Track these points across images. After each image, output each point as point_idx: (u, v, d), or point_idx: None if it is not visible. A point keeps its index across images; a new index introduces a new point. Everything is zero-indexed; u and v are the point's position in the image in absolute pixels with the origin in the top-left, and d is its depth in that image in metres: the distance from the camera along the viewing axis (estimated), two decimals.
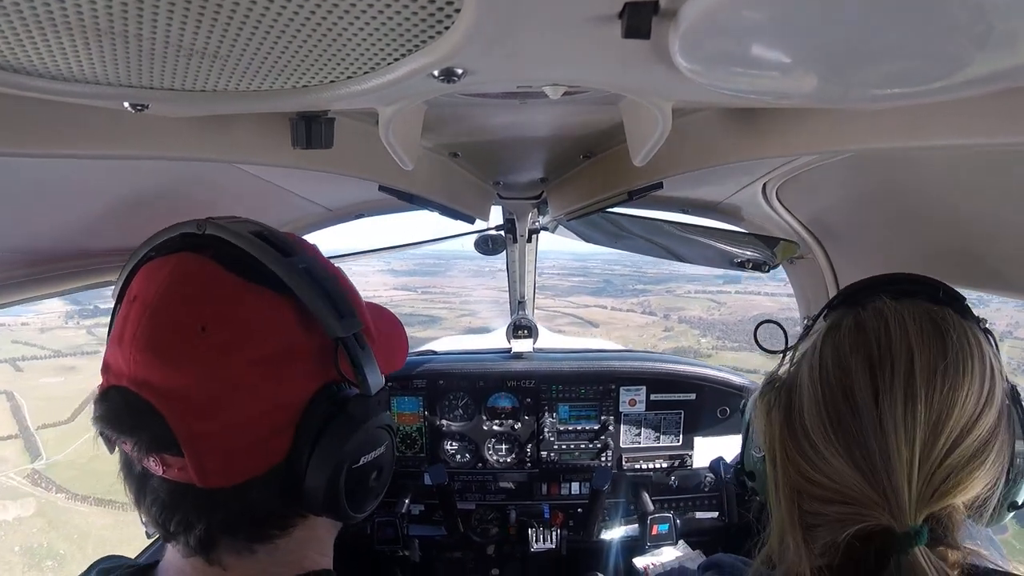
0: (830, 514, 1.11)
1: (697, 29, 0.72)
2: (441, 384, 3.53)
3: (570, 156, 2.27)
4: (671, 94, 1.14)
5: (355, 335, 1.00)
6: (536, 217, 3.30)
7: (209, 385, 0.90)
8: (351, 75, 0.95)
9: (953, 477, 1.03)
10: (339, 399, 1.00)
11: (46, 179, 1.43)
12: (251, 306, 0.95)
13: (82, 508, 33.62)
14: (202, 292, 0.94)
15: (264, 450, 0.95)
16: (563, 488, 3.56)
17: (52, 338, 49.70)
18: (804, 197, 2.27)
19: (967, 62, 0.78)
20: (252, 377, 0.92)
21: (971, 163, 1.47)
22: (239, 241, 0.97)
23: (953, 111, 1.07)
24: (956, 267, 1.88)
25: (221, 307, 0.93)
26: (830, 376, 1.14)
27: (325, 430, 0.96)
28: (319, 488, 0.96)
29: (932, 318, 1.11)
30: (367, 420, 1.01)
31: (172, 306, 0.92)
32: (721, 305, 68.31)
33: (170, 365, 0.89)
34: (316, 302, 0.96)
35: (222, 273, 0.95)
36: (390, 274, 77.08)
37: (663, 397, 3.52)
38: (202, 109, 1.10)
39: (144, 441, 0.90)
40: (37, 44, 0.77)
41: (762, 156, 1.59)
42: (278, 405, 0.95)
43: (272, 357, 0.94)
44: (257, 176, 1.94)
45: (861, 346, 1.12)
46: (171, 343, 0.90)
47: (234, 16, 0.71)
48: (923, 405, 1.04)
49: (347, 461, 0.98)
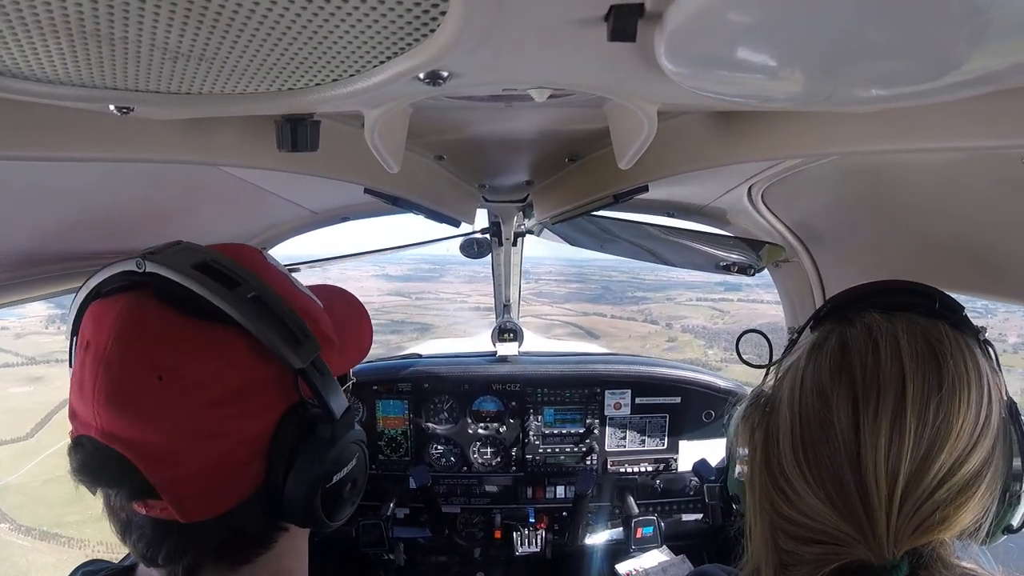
0: (805, 554, 1.06)
1: (683, 32, 0.72)
2: (426, 387, 3.52)
3: (556, 159, 2.27)
4: (657, 97, 1.14)
5: (313, 362, 0.99)
6: (521, 220, 3.30)
7: (174, 435, 0.90)
8: (336, 78, 0.95)
9: (940, 512, 0.97)
10: (306, 421, 1.00)
11: (29, 182, 1.42)
12: (203, 346, 0.93)
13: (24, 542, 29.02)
14: (153, 339, 0.92)
15: (240, 481, 0.96)
16: (548, 492, 3.56)
17: (27, 344, 47.79)
18: (790, 200, 2.28)
19: (953, 65, 0.78)
20: (214, 419, 0.92)
21: (957, 165, 1.48)
22: (180, 279, 0.93)
23: (939, 114, 1.08)
24: (942, 270, 1.89)
25: (174, 352, 0.92)
26: (808, 403, 1.09)
27: (296, 455, 0.97)
28: (297, 507, 0.98)
29: (928, 340, 1.04)
30: (336, 442, 1.01)
31: (127, 357, 0.90)
32: (724, 314, 66.39)
33: (134, 419, 0.89)
34: (268, 336, 0.94)
35: (169, 314, 0.93)
36: (384, 279, 76.23)
37: (648, 400, 3.53)
38: (187, 112, 1.09)
39: (124, 492, 0.92)
40: (22, 46, 0.77)
41: (748, 159, 1.60)
42: (244, 441, 0.95)
43: (232, 394, 0.93)
44: (242, 179, 1.93)
45: (844, 371, 1.06)
46: (131, 397, 0.89)
47: (220, 18, 0.70)
48: (911, 438, 0.97)
49: (320, 482, 0.99)
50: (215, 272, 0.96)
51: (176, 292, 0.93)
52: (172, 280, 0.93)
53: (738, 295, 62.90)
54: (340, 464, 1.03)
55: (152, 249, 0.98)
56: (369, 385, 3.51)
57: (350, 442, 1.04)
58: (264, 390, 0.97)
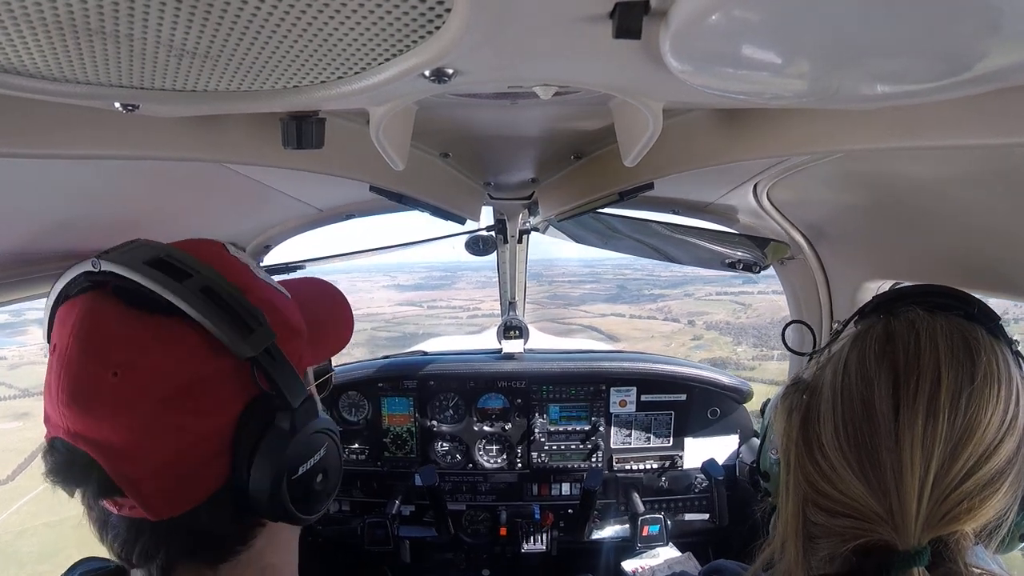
0: (833, 527, 1.10)
1: (688, 29, 0.72)
2: (432, 385, 3.53)
3: (561, 156, 2.27)
4: (662, 94, 1.14)
5: (267, 349, 0.98)
6: (527, 218, 3.30)
7: (130, 431, 0.90)
8: (342, 75, 0.95)
9: (966, 503, 1.01)
10: (268, 414, 0.99)
11: (35, 179, 1.42)
12: (156, 341, 0.93)
13: None
14: (108, 336, 0.92)
15: (204, 477, 0.95)
16: (554, 489, 3.56)
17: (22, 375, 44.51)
18: (795, 198, 2.27)
19: (960, 63, 0.78)
20: (170, 415, 0.92)
21: (963, 163, 1.47)
22: (131, 274, 0.93)
23: (945, 111, 1.08)
24: (947, 267, 1.89)
25: (128, 348, 0.92)
26: (851, 384, 1.12)
27: (257, 448, 0.96)
28: (264, 502, 0.97)
29: (964, 337, 1.08)
30: (296, 432, 1.00)
31: (84, 355, 0.90)
32: (747, 307, 64.37)
33: (92, 416, 0.89)
34: (219, 325, 0.94)
35: (124, 311, 0.93)
36: (395, 289, 75.43)
37: (653, 398, 3.53)
38: (193, 109, 1.10)
39: (92, 490, 0.92)
40: (28, 44, 0.77)
41: (753, 157, 1.59)
42: (203, 436, 0.95)
43: (186, 390, 0.93)
44: (247, 176, 1.94)
45: (887, 355, 1.10)
46: (89, 394, 0.89)
47: (225, 16, 0.70)
48: (944, 425, 1.01)
49: (284, 474, 0.98)
50: (167, 266, 0.96)
51: (130, 289, 0.94)
52: (125, 277, 0.93)
53: (757, 288, 61.33)
54: (305, 455, 1.02)
55: (109, 248, 0.99)
56: (374, 383, 3.52)
57: (314, 431, 1.03)
58: (221, 384, 0.97)
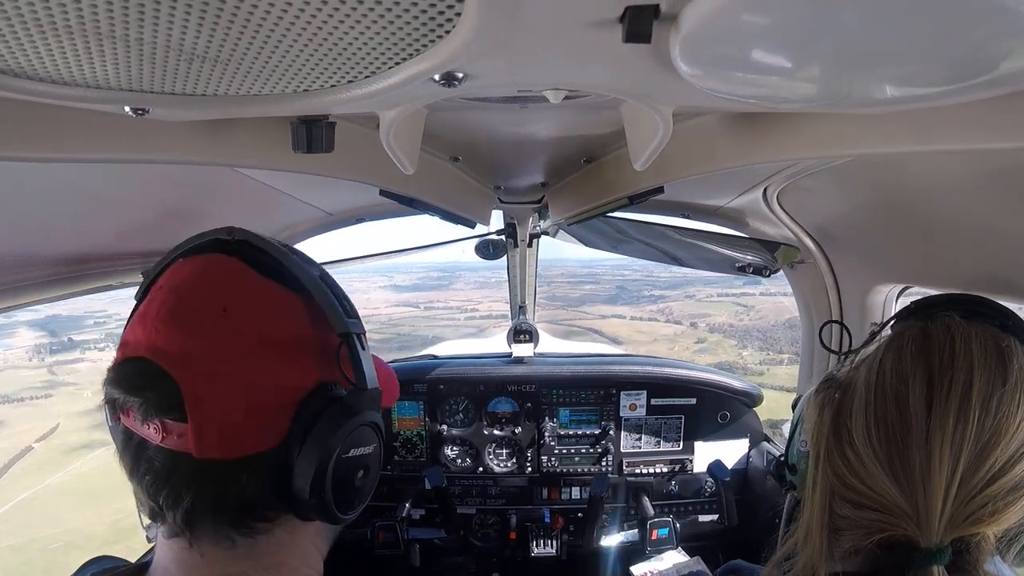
0: (859, 519, 1.12)
1: (698, 33, 0.71)
2: (442, 389, 3.53)
3: (571, 160, 2.27)
4: (672, 99, 1.14)
5: (357, 335, 1.05)
6: (537, 221, 3.30)
7: (222, 352, 0.95)
8: (352, 79, 0.95)
9: (990, 505, 1.02)
10: (334, 396, 1.04)
11: (43, 183, 1.43)
12: (269, 297, 1.02)
13: None
14: (227, 282, 1.01)
15: (261, 428, 0.97)
16: (563, 493, 3.56)
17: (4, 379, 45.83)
18: (805, 202, 2.27)
19: (970, 66, 0.78)
20: (263, 354, 0.98)
21: (975, 166, 1.46)
22: (264, 245, 1.05)
23: (957, 114, 1.07)
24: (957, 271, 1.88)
25: (242, 294, 1.00)
26: (886, 381, 1.14)
27: (318, 419, 1.00)
28: (308, 475, 0.98)
29: (998, 344, 1.10)
30: (360, 411, 1.04)
31: (197, 289, 1.00)
32: (749, 309, 64.02)
33: (188, 333, 0.95)
34: (328, 300, 1.03)
35: (246, 269, 1.03)
36: (392, 290, 74.98)
37: (663, 402, 3.52)
38: (203, 113, 1.10)
39: (151, 402, 0.93)
40: (38, 48, 0.77)
41: (763, 161, 1.59)
42: (281, 385, 0.99)
43: (283, 342, 1.00)
44: (257, 180, 1.94)
45: (923, 354, 1.12)
46: (192, 316, 0.96)
47: (235, 20, 0.71)
48: (974, 426, 1.03)
49: (336, 449, 1.01)
50: (294, 250, 1.10)
51: (257, 257, 1.04)
52: (256, 246, 1.06)
53: (759, 289, 60.43)
54: (358, 440, 1.06)
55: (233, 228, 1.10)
56: None
57: (370, 422, 1.07)
58: (310, 353, 1.04)
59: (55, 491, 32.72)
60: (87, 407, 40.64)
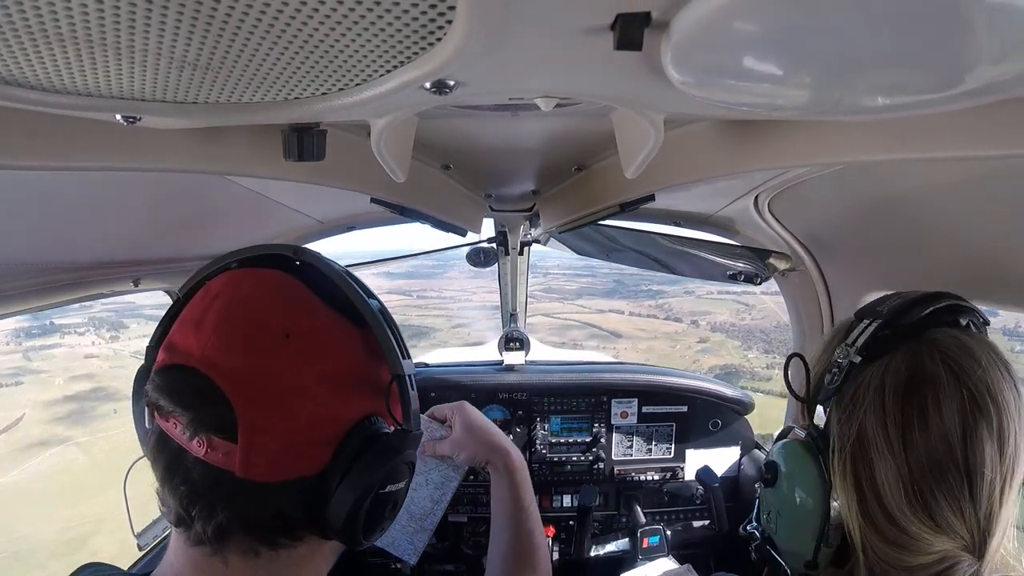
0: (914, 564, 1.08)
1: (689, 41, 0.72)
2: (433, 396, 3.50)
3: (562, 168, 2.27)
4: (663, 106, 1.14)
5: (408, 375, 1.08)
6: (528, 229, 3.30)
7: (283, 384, 0.95)
8: (343, 87, 0.95)
9: None
10: (379, 431, 1.05)
11: (34, 191, 1.42)
12: (332, 329, 1.03)
13: None
14: (292, 303, 1.01)
15: (307, 457, 0.98)
16: (555, 501, 3.55)
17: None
18: (796, 210, 2.28)
19: (961, 75, 0.78)
20: (321, 389, 0.98)
21: (964, 174, 1.47)
22: (330, 272, 1.06)
23: (948, 122, 1.07)
24: (948, 279, 1.89)
25: (307, 321, 1.00)
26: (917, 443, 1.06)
27: (364, 454, 1.01)
28: (346, 504, 1.00)
29: (999, 353, 1.09)
30: (403, 451, 1.06)
31: (262, 307, 1.00)
32: (751, 308, 62.05)
33: (248, 354, 0.95)
34: (387, 340, 1.05)
35: (311, 295, 1.03)
36: (385, 277, 74.26)
37: (655, 409, 3.52)
38: (194, 121, 1.10)
39: (201, 419, 0.93)
40: (29, 56, 0.77)
41: (754, 169, 1.59)
42: (334, 418, 1.00)
43: (341, 376, 1.01)
44: (249, 188, 1.94)
45: (953, 400, 1.05)
46: (256, 337, 0.96)
47: (226, 28, 0.70)
48: (1011, 447, 1.03)
49: (377, 485, 1.02)
50: (356, 281, 1.09)
51: (321, 282, 1.05)
52: (321, 272, 1.07)
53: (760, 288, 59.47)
54: (396, 477, 1.07)
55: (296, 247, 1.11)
56: None
57: (408, 461, 1.09)
58: (362, 387, 1.05)
59: (7, 492, 32.21)
60: (56, 396, 40.70)
